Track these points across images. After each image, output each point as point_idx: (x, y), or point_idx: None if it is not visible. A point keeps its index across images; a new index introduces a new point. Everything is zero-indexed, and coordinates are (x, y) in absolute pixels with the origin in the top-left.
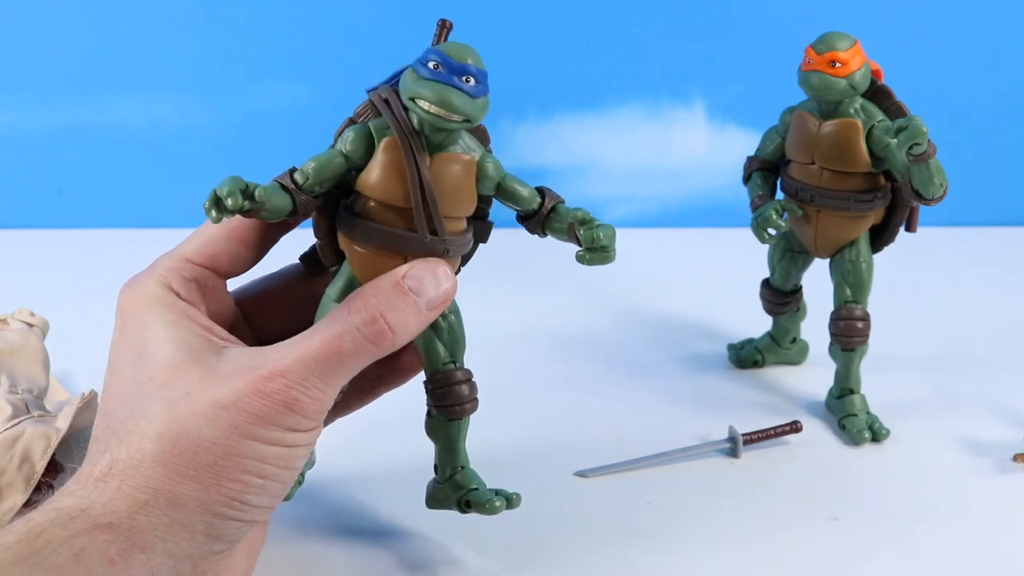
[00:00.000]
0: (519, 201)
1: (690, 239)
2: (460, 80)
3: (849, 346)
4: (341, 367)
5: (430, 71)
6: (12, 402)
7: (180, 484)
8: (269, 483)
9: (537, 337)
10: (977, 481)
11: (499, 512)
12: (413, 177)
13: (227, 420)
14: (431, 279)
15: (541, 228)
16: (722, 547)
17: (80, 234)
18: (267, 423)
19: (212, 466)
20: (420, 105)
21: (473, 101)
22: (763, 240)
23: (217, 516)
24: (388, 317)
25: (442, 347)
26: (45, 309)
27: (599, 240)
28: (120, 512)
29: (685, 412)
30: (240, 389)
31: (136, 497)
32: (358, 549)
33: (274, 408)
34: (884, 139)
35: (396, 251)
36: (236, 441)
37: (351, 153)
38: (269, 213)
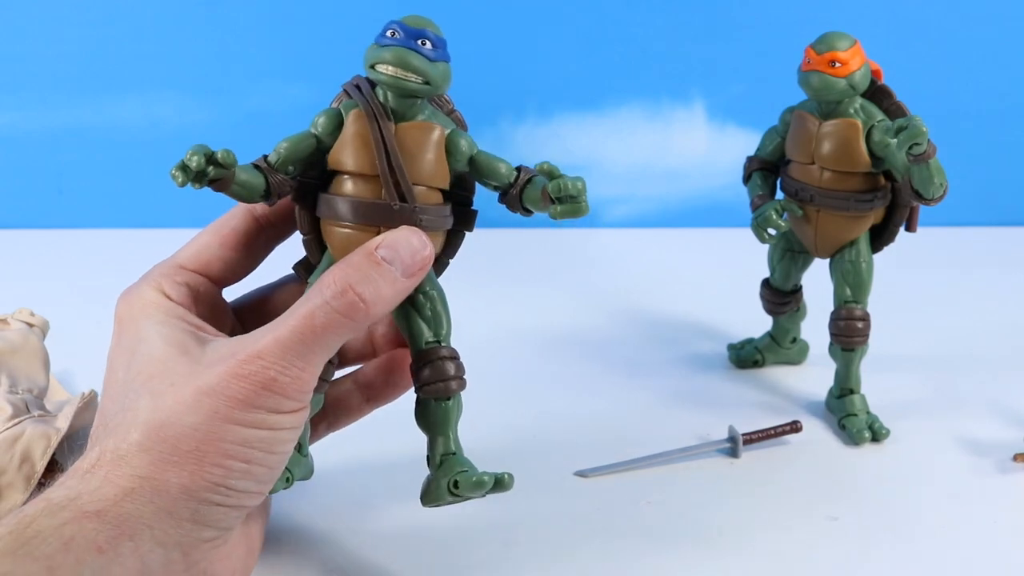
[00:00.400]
0: (496, 175)
1: (690, 239)
2: (417, 43)
3: (849, 346)
4: (317, 343)
5: (388, 38)
6: (12, 402)
7: (164, 471)
8: (253, 467)
9: (537, 337)
10: (977, 481)
11: (487, 487)
12: (377, 142)
13: (208, 405)
14: (405, 246)
15: (519, 201)
16: (722, 547)
17: (80, 234)
18: (247, 405)
19: (195, 452)
20: (380, 70)
21: (432, 64)
22: (763, 240)
23: (202, 502)
24: (358, 288)
25: (424, 325)
26: (45, 309)
27: (567, 188)
28: (107, 500)
29: (685, 412)
30: (220, 374)
31: (122, 485)
32: (356, 549)
33: (253, 390)
34: (884, 139)
35: (369, 222)
36: (218, 426)
37: (322, 131)
38: (242, 188)
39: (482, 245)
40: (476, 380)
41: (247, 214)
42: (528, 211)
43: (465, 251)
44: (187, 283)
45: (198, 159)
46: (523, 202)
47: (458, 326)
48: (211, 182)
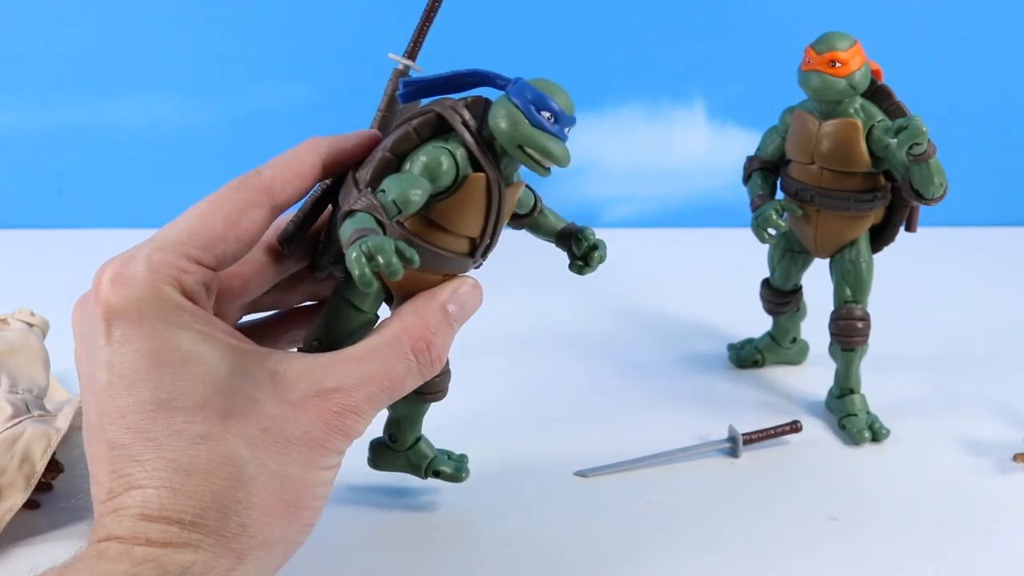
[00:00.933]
0: (523, 204)
1: (690, 239)
2: (566, 132)
3: (849, 346)
4: (395, 398)
5: (545, 122)
6: (12, 402)
7: (269, 526)
8: (321, 503)
9: (537, 337)
10: (977, 481)
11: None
12: (494, 215)
13: (305, 458)
14: (471, 304)
15: (529, 227)
16: (722, 547)
17: (80, 234)
18: (332, 452)
19: (295, 502)
20: (535, 158)
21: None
22: (763, 240)
23: (295, 545)
24: (438, 349)
25: None
26: (45, 309)
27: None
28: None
29: (685, 412)
30: (313, 422)
31: (234, 549)
32: (355, 549)
33: (340, 440)
34: (884, 139)
35: (438, 270)
36: (310, 473)
37: (435, 179)
38: None
39: None
40: (476, 380)
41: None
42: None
43: None
44: (205, 283)
45: (387, 258)
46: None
47: None
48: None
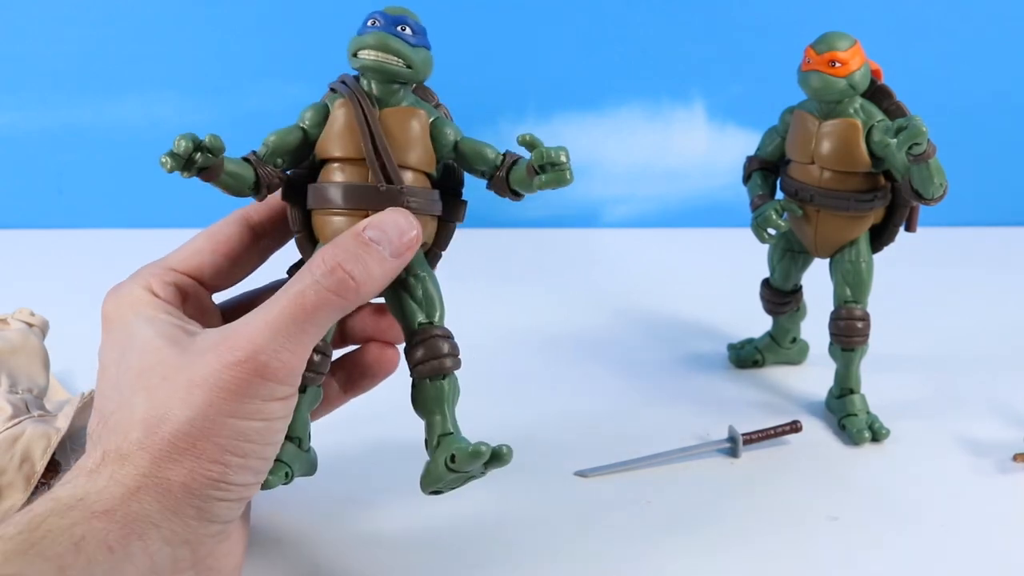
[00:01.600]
0: (482, 159)
1: (690, 239)
2: (397, 29)
3: (849, 346)
4: (308, 323)
5: (368, 27)
6: (12, 402)
7: (165, 469)
8: (250, 460)
9: (537, 337)
10: (977, 481)
11: (484, 456)
12: (362, 125)
13: (202, 397)
14: (392, 225)
15: (506, 182)
16: (722, 547)
17: (80, 234)
18: (242, 396)
19: (192, 449)
20: (361, 56)
21: (413, 49)
22: (763, 240)
23: (204, 499)
24: (348, 267)
25: (416, 306)
26: (45, 309)
27: (550, 156)
28: (114, 499)
29: (685, 412)
30: (210, 363)
31: (127, 484)
32: (354, 549)
33: (245, 378)
34: (884, 139)
35: (358, 206)
36: (212, 419)
37: (308, 123)
38: (231, 179)
39: (482, 245)
40: (476, 380)
41: (242, 222)
42: (516, 194)
43: (465, 251)
44: (176, 284)
45: (185, 144)
46: (510, 184)
47: (458, 326)
48: (200, 171)
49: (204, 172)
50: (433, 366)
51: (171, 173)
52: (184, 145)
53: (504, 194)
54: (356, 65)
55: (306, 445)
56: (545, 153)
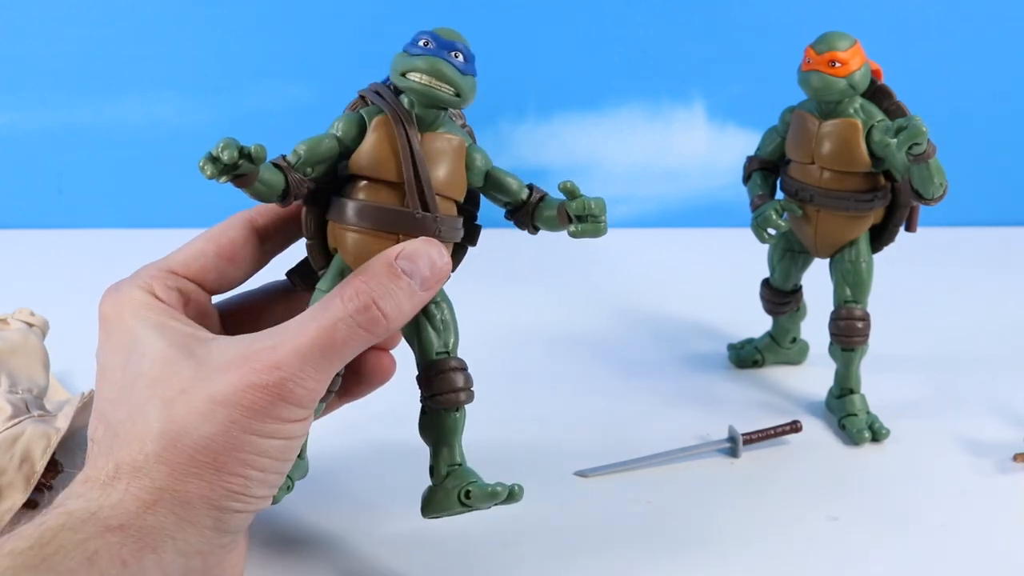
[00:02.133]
0: (508, 191)
1: (690, 239)
2: (449, 55)
3: (849, 346)
4: (336, 356)
5: (420, 48)
6: (12, 402)
7: (184, 482)
8: (268, 475)
9: (537, 337)
10: (977, 481)
11: (501, 497)
12: (404, 149)
13: (224, 415)
14: (425, 258)
15: (531, 217)
16: (722, 547)
17: (80, 234)
18: (264, 416)
19: (213, 463)
20: (411, 78)
21: (463, 76)
22: (763, 240)
23: (223, 510)
24: (381, 303)
25: (434, 335)
26: (45, 309)
27: (589, 208)
28: (129, 513)
29: (685, 412)
30: (235, 383)
31: (143, 498)
32: (354, 550)
33: (270, 400)
34: (884, 139)
35: (389, 229)
36: (235, 436)
37: (343, 135)
38: (263, 186)
39: (482, 245)
40: (477, 381)
41: (247, 225)
42: (536, 228)
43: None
44: (178, 288)
45: (230, 152)
46: (535, 220)
47: (459, 326)
48: (236, 177)
49: (239, 179)
50: (448, 399)
51: (209, 177)
52: (229, 155)
53: (524, 227)
54: (403, 86)
55: (303, 454)
56: (586, 204)
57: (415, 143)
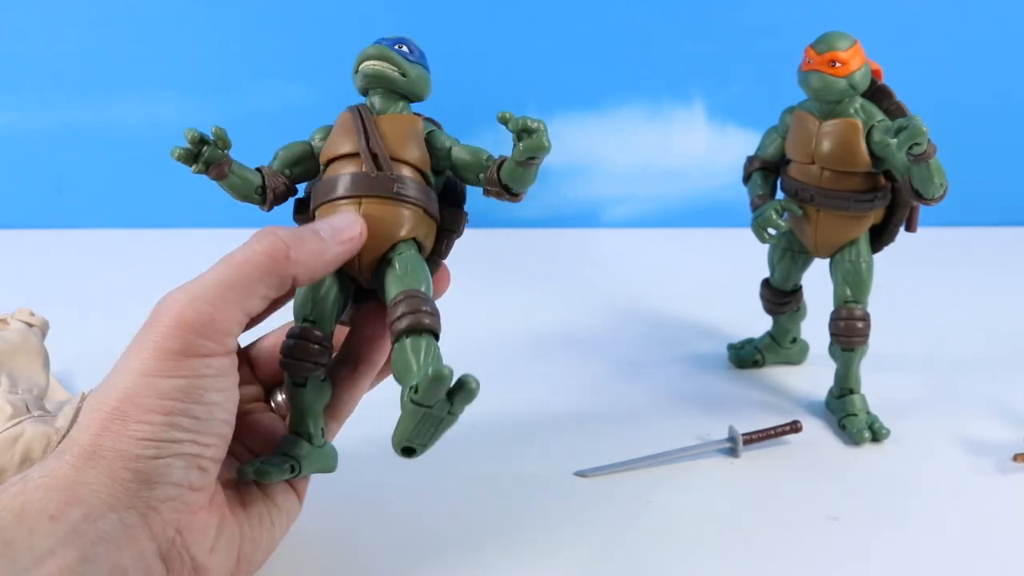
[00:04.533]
0: (475, 161)
1: (690, 239)
2: (396, 47)
3: (849, 346)
4: (234, 279)
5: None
6: (12, 402)
7: (99, 437)
8: (176, 418)
9: (537, 337)
10: (977, 481)
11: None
12: (356, 123)
13: (127, 364)
14: (337, 218)
15: (498, 178)
16: (722, 547)
17: (80, 234)
18: (162, 352)
19: (118, 412)
20: (363, 67)
21: (408, 62)
22: (763, 240)
23: (136, 459)
24: (281, 234)
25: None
26: (45, 309)
27: (526, 124)
28: (55, 472)
29: (685, 412)
30: (152, 326)
31: (66, 459)
32: (353, 549)
33: (163, 332)
34: (884, 139)
35: (351, 193)
36: (136, 382)
37: (316, 138)
38: (238, 178)
39: (482, 245)
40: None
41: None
42: (512, 193)
43: (465, 251)
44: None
45: (192, 134)
46: (502, 178)
47: (459, 326)
48: (209, 166)
49: (213, 168)
50: (411, 320)
51: (180, 162)
52: (191, 135)
53: (501, 194)
54: (358, 80)
55: (318, 441)
56: (520, 121)
57: (367, 118)
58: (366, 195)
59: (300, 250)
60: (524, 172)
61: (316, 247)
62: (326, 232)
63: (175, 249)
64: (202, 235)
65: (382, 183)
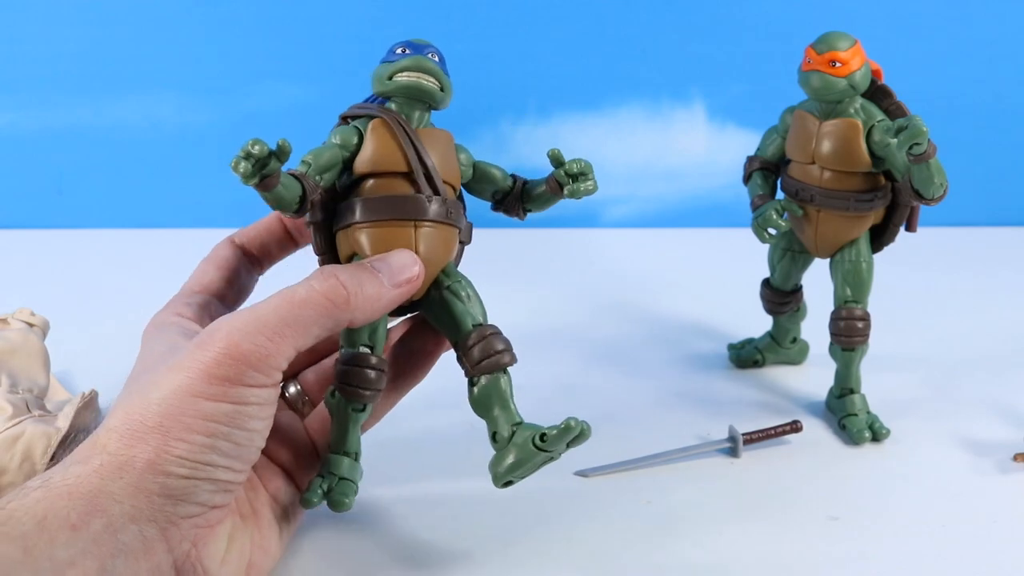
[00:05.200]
0: (495, 180)
1: (690, 239)
2: (427, 54)
3: (849, 346)
4: (291, 318)
5: (399, 55)
6: (12, 402)
7: (132, 447)
8: (218, 441)
9: (537, 337)
10: (977, 481)
11: (575, 432)
12: (406, 140)
13: (174, 380)
14: (396, 258)
15: (520, 201)
16: (722, 547)
17: (80, 234)
18: (211, 376)
19: (159, 427)
20: (398, 78)
21: (442, 72)
22: (763, 240)
23: (168, 475)
24: (342, 277)
25: (465, 308)
26: (45, 309)
27: (581, 166)
28: (79, 480)
29: (685, 412)
30: (190, 349)
31: (92, 465)
32: (352, 547)
33: (215, 359)
34: (884, 139)
35: (404, 216)
36: (180, 399)
37: (343, 142)
38: (284, 189)
39: (482, 245)
40: None
41: (230, 243)
42: (526, 211)
43: (465, 251)
44: (197, 303)
45: (261, 147)
46: (525, 202)
47: None
48: (263, 178)
49: (265, 180)
50: (492, 362)
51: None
52: (260, 148)
53: (514, 212)
54: (392, 87)
55: (359, 456)
56: (577, 163)
57: (414, 134)
58: (422, 220)
59: (359, 296)
60: (554, 203)
61: (375, 292)
62: (385, 275)
63: (175, 249)
64: (202, 235)
65: (439, 208)
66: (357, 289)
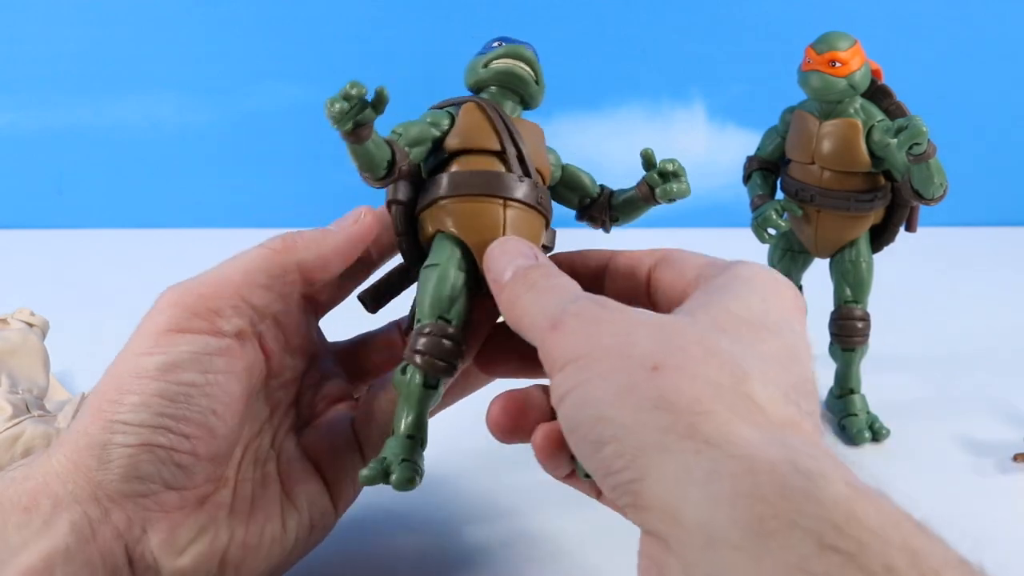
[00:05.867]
0: (585, 186)
1: (690, 239)
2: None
3: (849, 346)
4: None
5: (495, 47)
6: (12, 402)
7: (77, 423)
8: (149, 398)
9: None
10: (977, 481)
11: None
12: (499, 121)
13: (123, 349)
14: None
15: (608, 208)
16: None
17: (80, 234)
18: (149, 332)
19: (97, 393)
20: (494, 65)
21: (538, 63)
22: (763, 240)
23: (105, 447)
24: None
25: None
26: (45, 309)
27: (674, 166)
28: (37, 464)
29: None
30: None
31: (49, 453)
32: (352, 547)
33: (156, 310)
34: (884, 139)
35: (494, 192)
36: (122, 361)
37: (434, 120)
38: (374, 146)
39: None
40: None
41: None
42: (614, 220)
43: None
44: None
45: (359, 88)
46: (614, 209)
47: None
48: (357, 126)
49: (358, 129)
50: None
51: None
52: (359, 90)
53: (600, 220)
54: (487, 74)
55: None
56: (672, 162)
57: (507, 117)
58: (511, 199)
59: (300, 238)
60: (645, 210)
61: (316, 234)
62: (334, 226)
63: (175, 249)
64: (202, 235)
65: (529, 190)
66: (296, 235)
